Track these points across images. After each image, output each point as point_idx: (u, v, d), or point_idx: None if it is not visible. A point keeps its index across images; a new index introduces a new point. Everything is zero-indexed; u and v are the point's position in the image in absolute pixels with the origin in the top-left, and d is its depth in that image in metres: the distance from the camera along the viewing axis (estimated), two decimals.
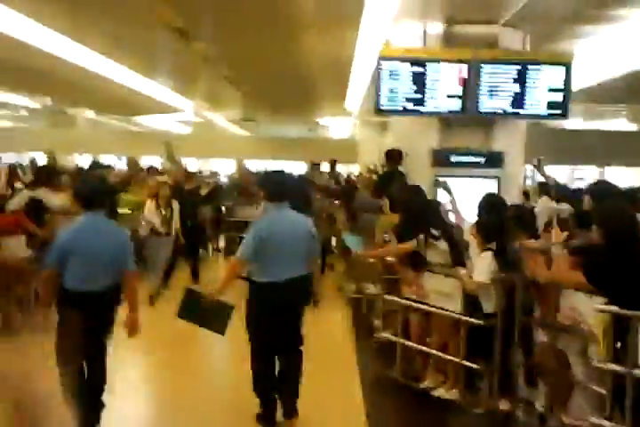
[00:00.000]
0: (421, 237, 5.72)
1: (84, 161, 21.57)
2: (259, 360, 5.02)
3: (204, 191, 11.98)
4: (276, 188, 5.12)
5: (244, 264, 4.99)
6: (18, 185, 9.82)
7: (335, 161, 13.17)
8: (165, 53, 13.31)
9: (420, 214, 5.92)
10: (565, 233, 5.31)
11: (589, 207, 5.29)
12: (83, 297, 4.53)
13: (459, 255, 5.73)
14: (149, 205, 8.98)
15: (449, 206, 6.50)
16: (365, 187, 10.19)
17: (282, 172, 5.61)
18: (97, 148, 23.80)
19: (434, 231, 5.76)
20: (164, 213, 8.93)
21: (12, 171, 10.54)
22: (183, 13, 9.49)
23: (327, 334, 7.55)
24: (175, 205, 9.10)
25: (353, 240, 7.96)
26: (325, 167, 13.87)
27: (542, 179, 8.04)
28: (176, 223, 9.07)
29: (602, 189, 5.54)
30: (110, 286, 4.66)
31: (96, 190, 4.81)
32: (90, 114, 25.79)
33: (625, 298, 3.92)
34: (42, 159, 15.54)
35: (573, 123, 21.11)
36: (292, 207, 5.16)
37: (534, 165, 7.46)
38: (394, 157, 8.96)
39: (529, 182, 8.27)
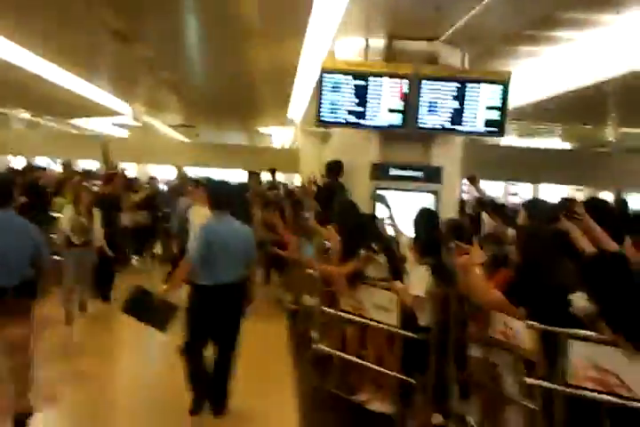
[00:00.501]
0: (362, 252, 5.75)
1: (17, 163, 21.01)
2: (190, 357, 5.33)
3: (139, 197, 11.95)
4: (220, 197, 5.52)
5: (192, 267, 5.29)
6: None
7: (275, 170, 13.18)
8: (105, 56, 13.12)
9: (357, 229, 5.96)
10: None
11: (524, 222, 5.40)
12: None
13: (396, 269, 5.78)
14: (67, 211, 8.24)
15: (387, 220, 6.57)
16: (305, 195, 10.21)
17: (225, 182, 5.95)
18: (32, 150, 23.20)
19: (372, 245, 5.80)
20: (83, 220, 8.15)
21: None
22: (124, 15, 9.37)
23: (264, 344, 7.51)
24: (96, 211, 8.38)
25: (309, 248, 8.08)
26: (265, 176, 13.86)
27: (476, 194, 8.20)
28: (97, 232, 8.33)
29: (537, 205, 5.67)
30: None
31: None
32: (25, 115, 25.15)
33: (546, 315, 3.99)
34: None
35: (508, 139, 21.61)
36: (232, 214, 5.50)
37: (468, 179, 7.61)
38: (334, 169, 9.03)
39: (465, 197, 8.43)
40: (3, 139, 22.91)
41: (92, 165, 19.60)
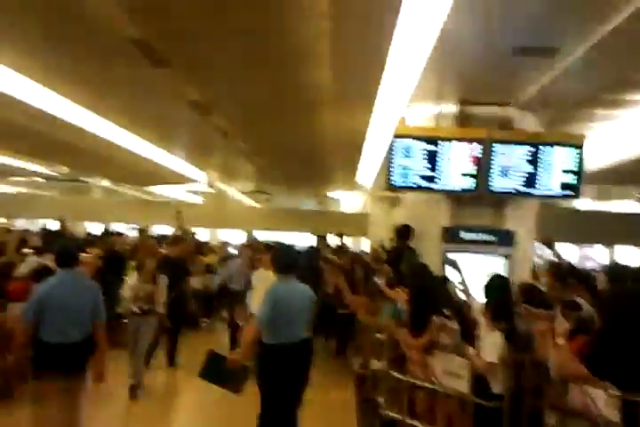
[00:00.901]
0: (434, 319, 5.64)
1: (95, 229, 21.68)
2: (275, 415, 5.52)
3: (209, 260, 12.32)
4: (286, 261, 5.81)
5: (262, 329, 5.50)
6: (25, 250, 9.87)
7: (342, 234, 13.39)
8: (182, 126, 13.57)
9: (429, 292, 5.87)
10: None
11: (604, 287, 5.24)
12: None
13: (468, 334, 5.65)
14: (131, 277, 8.18)
15: (458, 284, 6.46)
16: (375, 259, 10.19)
17: (291, 246, 6.43)
18: (109, 216, 23.99)
19: (445, 311, 5.70)
20: (147, 286, 8.00)
21: (22, 237, 10.63)
22: (201, 88, 9.72)
23: (332, 409, 7.39)
24: (162, 278, 8.20)
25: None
26: (333, 239, 14.00)
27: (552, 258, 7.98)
28: (160, 299, 8.06)
29: (618, 269, 5.49)
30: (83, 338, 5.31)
31: (66, 249, 5.61)
32: (105, 183, 26.10)
33: (628, 382, 3.80)
34: (54, 226, 15.72)
35: (583, 203, 21.23)
36: (300, 278, 5.83)
37: (544, 242, 7.43)
38: (403, 232, 9.02)
39: (538, 261, 8.25)
40: (82, 206, 23.77)
41: (168, 230, 20.02)
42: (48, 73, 9.07)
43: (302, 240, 22.88)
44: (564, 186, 8.52)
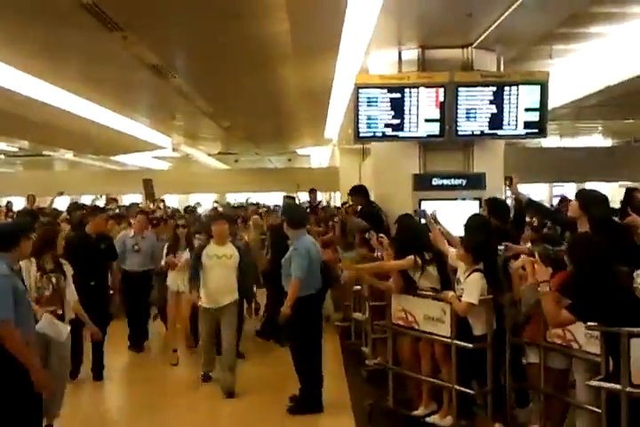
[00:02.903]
0: (413, 257, 5.66)
1: (62, 202, 21.34)
2: (311, 356, 6.19)
3: None
4: (300, 216, 6.70)
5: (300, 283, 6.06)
6: None
7: (314, 190, 13.35)
8: (141, 91, 13.31)
9: (416, 236, 5.86)
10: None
11: (576, 214, 5.20)
12: None
13: (447, 279, 5.67)
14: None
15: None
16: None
17: (297, 203, 6.45)
18: (76, 188, 23.64)
19: (425, 255, 5.70)
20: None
21: None
22: (157, 50, 9.48)
23: None
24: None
25: (348, 256, 8.12)
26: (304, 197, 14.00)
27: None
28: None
29: (591, 195, 5.45)
30: None
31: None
32: (68, 155, 25.66)
33: (614, 320, 3.83)
34: (20, 203, 15.47)
35: (550, 141, 21.31)
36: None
37: (506, 184, 7.44)
38: (362, 190, 9.04)
39: (508, 202, 8.23)
40: (47, 180, 23.37)
41: (138, 199, 19.78)
42: (1, 46, 8.80)
43: (272, 200, 22.92)
44: (529, 125, 8.51)
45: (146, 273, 8.55)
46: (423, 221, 6.40)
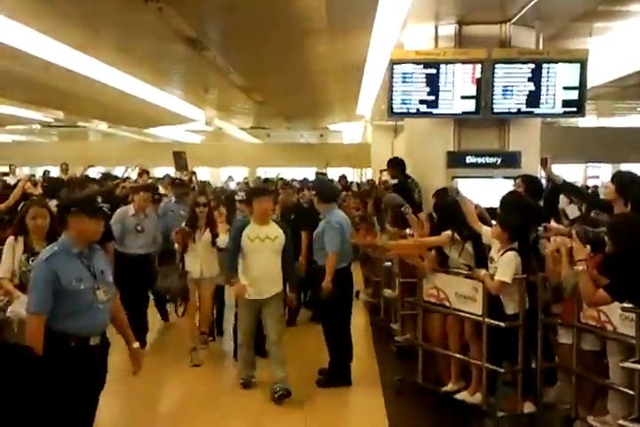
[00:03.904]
0: (451, 233, 5.66)
1: (95, 173, 21.53)
2: (344, 330, 6.31)
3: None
4: (331, 191, 6.85)
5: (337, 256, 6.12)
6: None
7: (345, 176, 13.45)
8: (176, 63, 13.31)
9: (454, 213, 5.83)
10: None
11: (613, 197, 5.13)
12: None
13: (482, 257, 5.64)
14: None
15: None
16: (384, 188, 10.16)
17: (327, 179, 6.47)
18: (109, 160, 23.87)
19: (464, 231, 5.67)
20: None
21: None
22: (192, 23, 9.47)
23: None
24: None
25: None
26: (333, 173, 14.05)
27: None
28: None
29: (626, 178, 5.36)
30: None
31: None
32: (102, 127, 25.87)
33: None
34: (55, 172, 15.64)
35: (587, 120, 21.00)
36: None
37: (541, 165, 7.32)
38: (400, 163, 8.96)
39: (543, 182, 8.12)
40: (82, 151, 23.63)
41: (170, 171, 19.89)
42: (36, 15, 8.85)
43: (304, 174, 22.89)
44: (567, 103, 8.39)
45: (146, 256, 7.49)
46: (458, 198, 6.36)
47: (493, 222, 5.54)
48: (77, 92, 14.95)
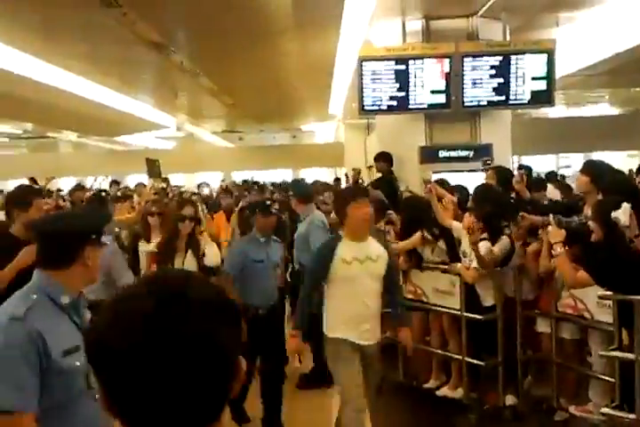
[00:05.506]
0: (421, 233, 5.62)
1: (66, 184, 21.25)
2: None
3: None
4: (308, 189, 6.90)
5: None
6: None
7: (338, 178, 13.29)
8: (143, 69, 13.16)
9: (421, 213, 5.80)
10: None
11: (587, 189, 5.08)
12: None
13: (456, 253, 5.61)
14: None
15: None
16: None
17: (302, 180, 6.52)
18: (81, 170, 23.58)
19: (434, 230, 5.64)
20: None
21: None
22: (157, 26, 9.35)
23: None
24: None
25: None
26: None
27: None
28: None
29: (597, 167, 5.31)
30: None
31: None
32: (72, 137, 25.57)
33: (631, 289, 3.77)
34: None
35: (556, 111, 21.10)
36: None
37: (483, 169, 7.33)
38: (387, 157, 8.87)
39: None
40: (52, 162, 23.28)
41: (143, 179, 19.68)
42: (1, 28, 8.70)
43: (278, 177, 22.84)
44: (536, 94, 8.41)
45: None
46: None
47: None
48: (44, 103, 14.72)
